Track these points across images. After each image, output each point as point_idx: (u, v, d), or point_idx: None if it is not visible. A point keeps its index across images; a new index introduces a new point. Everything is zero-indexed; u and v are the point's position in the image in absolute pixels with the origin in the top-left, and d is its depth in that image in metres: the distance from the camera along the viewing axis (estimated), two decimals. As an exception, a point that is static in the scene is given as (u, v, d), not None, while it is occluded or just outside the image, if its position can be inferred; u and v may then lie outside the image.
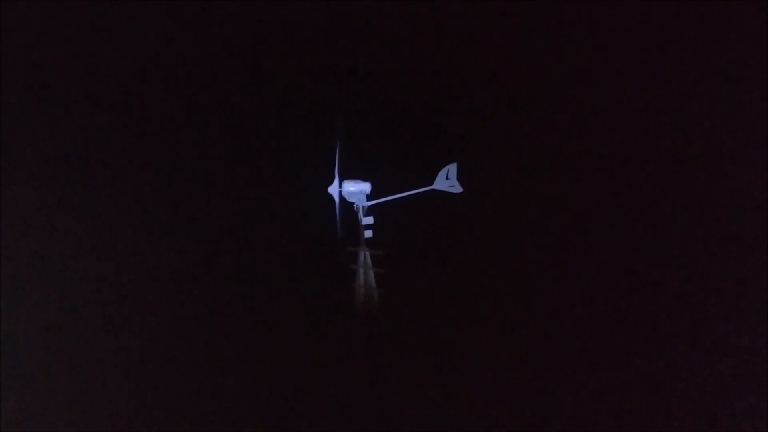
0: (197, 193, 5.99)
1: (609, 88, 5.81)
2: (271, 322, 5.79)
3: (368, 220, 5.46)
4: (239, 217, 5.98)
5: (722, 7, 5.65)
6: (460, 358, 5.64)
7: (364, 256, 5.52)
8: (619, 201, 5.74)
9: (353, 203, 5.45)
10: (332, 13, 5.96)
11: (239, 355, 5.74)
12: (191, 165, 6.02)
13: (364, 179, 5.44)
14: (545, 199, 5.80)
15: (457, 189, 5.43)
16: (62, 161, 5.99)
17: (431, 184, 5.43)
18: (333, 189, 5.38)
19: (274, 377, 5.68)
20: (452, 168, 5.42)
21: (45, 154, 5.98)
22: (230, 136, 6.04)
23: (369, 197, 5.46)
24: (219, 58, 6.05)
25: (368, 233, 5.47)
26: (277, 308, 5.80)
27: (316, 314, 5.75)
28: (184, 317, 5.81)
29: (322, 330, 5.72)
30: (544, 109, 5.86)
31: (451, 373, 5.62)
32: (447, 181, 5.42)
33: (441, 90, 5.91)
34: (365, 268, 5.54)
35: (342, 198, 5.40)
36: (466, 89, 5.90)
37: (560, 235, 5.77)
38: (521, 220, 5.80)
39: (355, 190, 5.41)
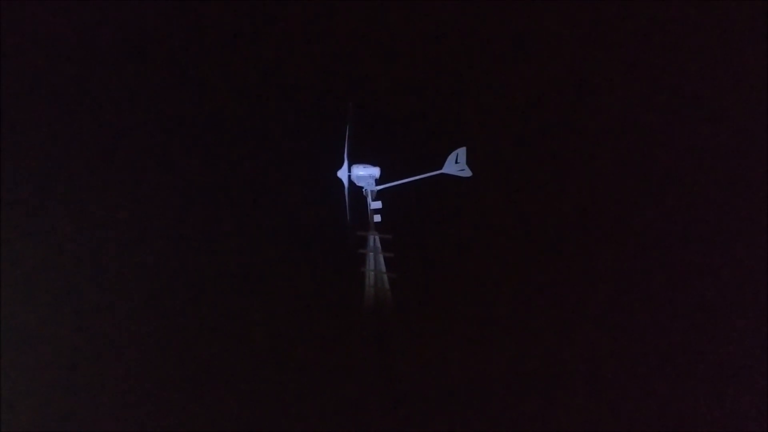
0: (203, 184, 6.00)
1: (617, 76, 5.77)
2: (281, 306, 5.80)
3: (377, 204, 5.45)
4: (248, 202, 5.99)
5: (722, 8, 5.59)
6: (470, 342, 5.65)
7: (374, 240, 5.53)
8: (629, 187, 5.71)
9: (362, 187, 5.44)
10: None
11: (248, 343, 5.76)
12: (197, 154, 6.02)
13: (374, 163, 5.42)
14: (554, 184, 5.78)
15: (467, 173, 5.40)
16: (63, 159, 5.99)
17: (440, 168, 5.41)
18: (342, 173, 5.37)
19: (283, 363, 5.70)
20: (461, 152, 5.39)
21: (47, 154, 5.99)
22: (238, 121, 6.04)
23: (378, 181, 5.44)
24: (225, 46, 6.04)
25: (377, 217, 5.47)
26: (286, 292, 5.82)
27: (326, 298, 5.76)
28: (189, 306, 5.82)
29: (331, 314, 5.74)
30: (553, 93, 5.82)
31: (460, 357, 5.63)
32: (456, 165, 5.40)
33: (451, 73, 5.88)
34: (374, 253, 5.54)
35: (351, 182, 5.39)
36: (476, 73, 5.86)
37: (569, 220, 5.75)
38: (530, 205, 5.78)
39: (365, 174, 5.39)
